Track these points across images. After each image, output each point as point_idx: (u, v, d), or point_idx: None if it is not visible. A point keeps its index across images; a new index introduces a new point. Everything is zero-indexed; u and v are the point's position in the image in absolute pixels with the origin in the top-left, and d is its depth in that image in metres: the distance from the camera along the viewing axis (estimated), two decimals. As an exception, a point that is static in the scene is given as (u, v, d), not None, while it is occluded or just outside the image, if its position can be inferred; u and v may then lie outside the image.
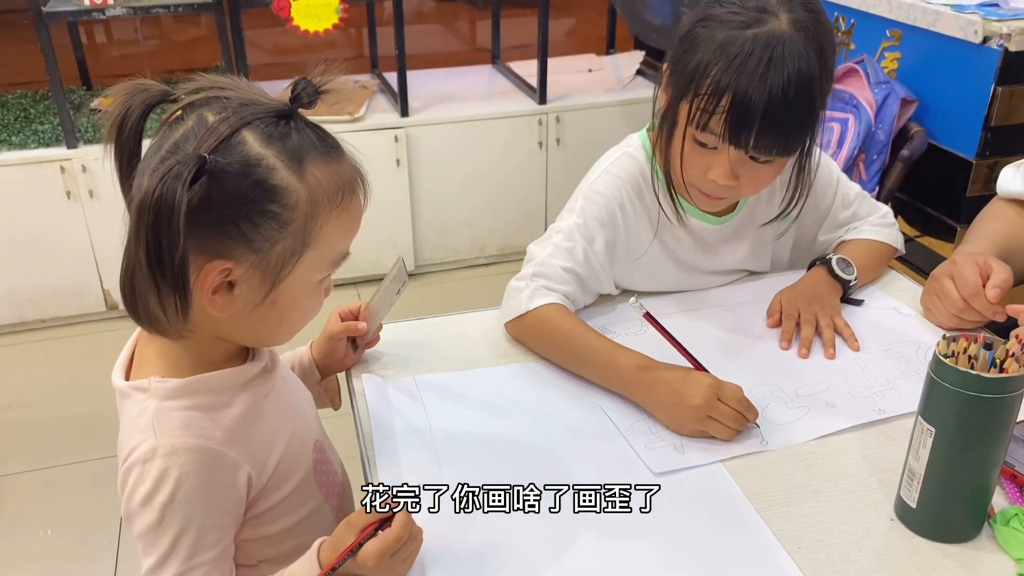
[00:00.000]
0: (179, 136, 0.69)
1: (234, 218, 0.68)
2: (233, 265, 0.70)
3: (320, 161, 0.72)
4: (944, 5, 1.79)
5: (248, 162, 0.68)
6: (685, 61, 1.01)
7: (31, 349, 2.47)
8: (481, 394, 1.00)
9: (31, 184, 2.36)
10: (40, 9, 2.20)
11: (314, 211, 0.71)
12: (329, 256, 0.75)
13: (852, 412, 0.96)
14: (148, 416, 0.73)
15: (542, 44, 2.68)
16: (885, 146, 1.83)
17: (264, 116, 0.69)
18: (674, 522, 0.82)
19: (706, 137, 1.01)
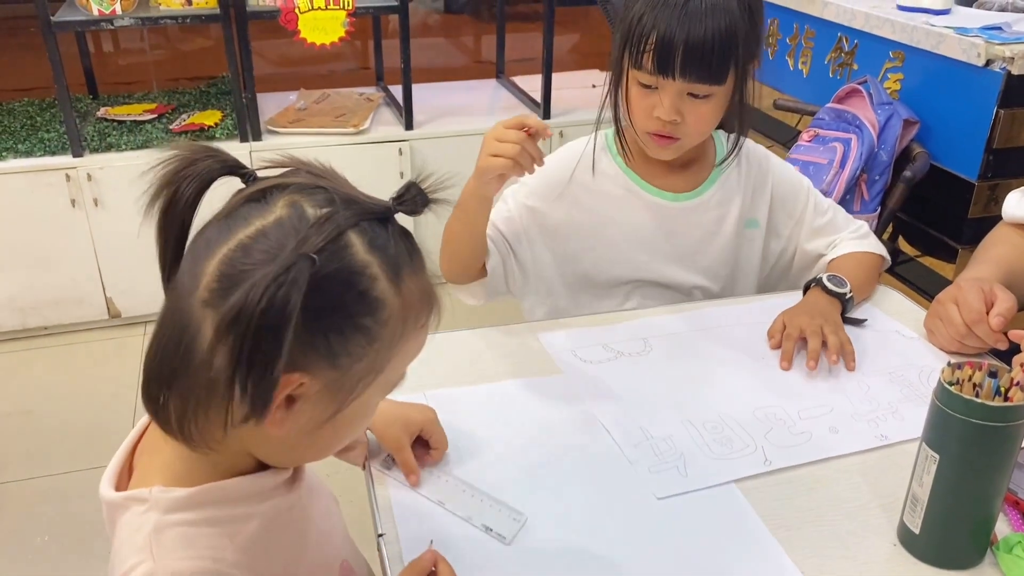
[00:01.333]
0: (269, 223, 0.59)
1: (325, 329, 0.59)
2: (309, 379, 0.60)
3: (412, 273, 0.63)
4: (947, 28, 1.80)
5: (353, 269, 0.59)
6: (623, 17, 1.15)
7: (33, 356, 2.48)
8: (490, 409, 1.01)
9: (36, 192, 2.37)
10: (49, 18, 2.21)
11: (402, 329, 0.63)
12: (394, 379, 0.67)
13: (854, 437, 0.97)
14: (145, 533, 0.62)
15: (547, 60, 2.69)
16: (887, 166, 1.84)
17: (368, 217, 0.61)
18: (683, 539, 0.82)
19: (643, 76, 1.12)
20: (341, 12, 2.38)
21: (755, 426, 0.99)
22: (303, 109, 2.75)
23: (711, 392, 1.05)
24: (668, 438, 0.96)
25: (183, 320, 0.59)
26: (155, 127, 2.56)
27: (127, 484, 0.68)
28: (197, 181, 0.61)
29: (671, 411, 1.01)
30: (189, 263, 0.61)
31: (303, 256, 0.56)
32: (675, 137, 1.17)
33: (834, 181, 1.84)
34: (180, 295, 0.60)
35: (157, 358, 0.62)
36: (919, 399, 1.04)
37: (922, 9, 1.92)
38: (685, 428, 0.98)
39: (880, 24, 1.94)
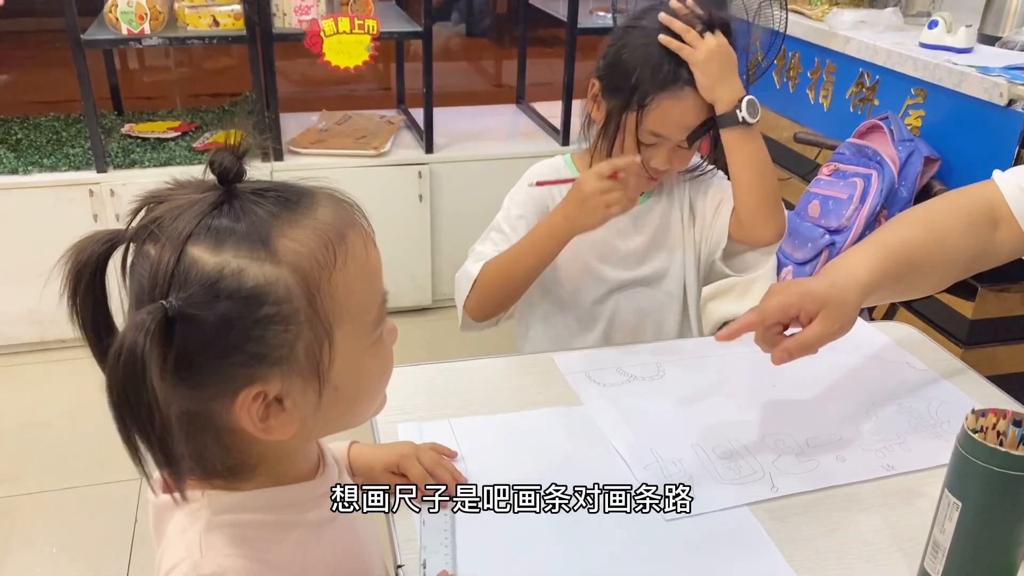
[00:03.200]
0: (137, 289, 0.59)
1: (234, 345, 0.57)
2: (263, 387, 0.59)
3: (288, 227, 0.59)
4: (970, 66, 1.81)
5: (210, 282, 0.56)
6: (618, 80, 1.21)
7: (49, 369, 2.49)
8: (514, 438, 1.01)
9: (59, 206, 2.40)
10: (79, 36, 2.25)
11: (312, 286, 0.59)
12: (364, 316, 0.64)
13: (861, 467, 0.97)
14: (196, 531, 0.62)
15: (568, 86, 2.71)
16: (908, 203, 1.84)
17: (202, 215, 0.58)
18: (700, 565, 0.82)
19: (644, 136, 1.20)
20: (366, 36, 2.41)
21: (764, 452, 0.99)
22: (325, 130, 2.77)
23: (721, 417, 1.06)
24: (678, 460, 0.97)
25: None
26: (178, 145, 2.59)
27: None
28: (89, 268, 0.60)
29: (681, 435, 1.02)
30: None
31: (154, 307, 0.54)
32: (659, 179, 1.28)
33: (854, 216, 1.84)
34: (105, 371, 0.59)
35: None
36: (927, 431, 1.05)
37: (944, 47, 1.93)
38: (695, 451, 0.99)
39: (902, 61, 1.95)
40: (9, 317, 2.47)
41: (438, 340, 2.59)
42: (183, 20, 2.41)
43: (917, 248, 1.05)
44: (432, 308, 2.82)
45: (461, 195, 2.72)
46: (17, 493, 2.01)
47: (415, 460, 0.91)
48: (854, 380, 1.15)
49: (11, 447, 2.16)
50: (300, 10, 2.42)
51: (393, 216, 2.61)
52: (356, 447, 0.93)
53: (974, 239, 1.09)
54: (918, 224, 1.09)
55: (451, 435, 1.00)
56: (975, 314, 1.85)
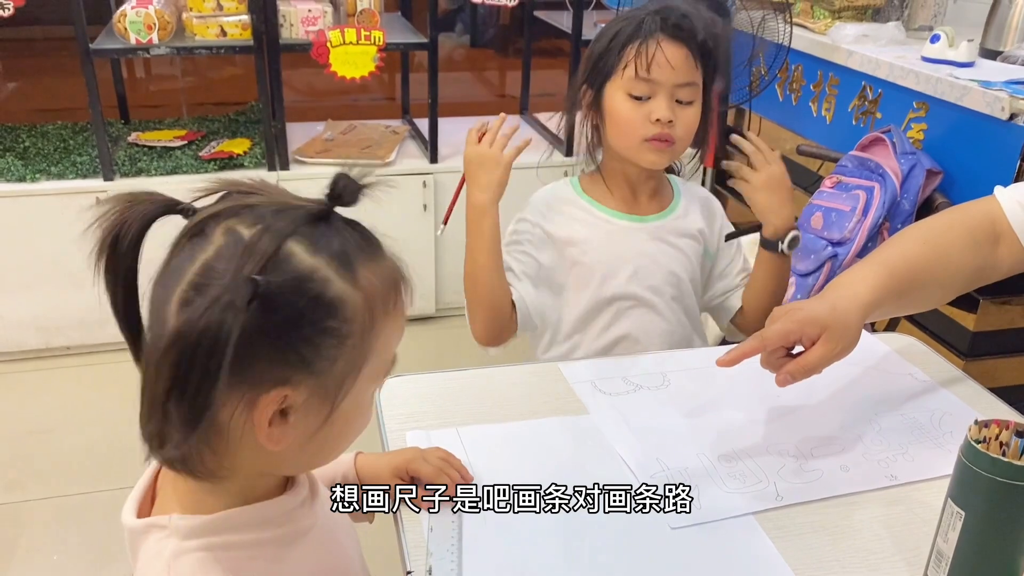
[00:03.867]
0: (210, 256, 0.59)
1: (291, 342, 0.60)
2: (291, 392, 0.61)
3: (368, 261, 0.63)
4: (971, 81, 1.82)
5: (301, 278, 0.59)
6: (595, 59, 1.29)
7: (54, 375, 2.50)
8: (521, 447, 1.02)
9: (66, 214, 2.41)
10: (88, 46, 2.27)
11: (371, 319, 0.63)
12: (384, 365, 0.67)
13: (864, 477, 0.99)
14: (164, 559, 0.63)
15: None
16: (910, 215, 1.85)
17: (303, 220, 0.61)
18: (705, 572, 0.83)
19: (636, 85, 1.25)
20: (372, 48, 2.43)
21: (768, 462, 1.01)
22: (330, 140, 2.79)
23: (726, 427, 1.07)
24: (683, 470, 0.98)
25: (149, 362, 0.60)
26: (184, 153, 2.61)
27: (150, 510, 0.70)
28: (137, 223, 0.62)
29: (686, 444, 1.03)
30: (153, 312, 0.62)
31: (244, 279, 0.56)
32: (672, 140, 1.28)
33: (856, 228, 1.85)
34: (152, 342, 0.61)
35: (145, 401, 0.62)
36: (930, 441, 1.06)
37: (946, 61, 1.95)
38: (700, 461, 1.00)
39: (904, 75, 1.97)
40: (15, 324, 2.48)
41: (442, 349, 2.60)
42: (191, 30, 2.43)
43: (919, 264, 1.07)
44: (436, 317, 2.83)
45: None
46: (23, 499, 2.02)
47: (423, 461, 0.92)
48: (857, 390, 1.16)
49: (16, 453, 2.17)
50: (307, 21, 2.45)
51: (397, 225, 2.60)
52: (362, 456, 0.94)
53: (975, 255, 1.10)
54: (920, 241, 1.10)
55: (459, 443, 1.01)
56: (977, 326, 1.86)
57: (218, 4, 2.41)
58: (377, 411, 1.07)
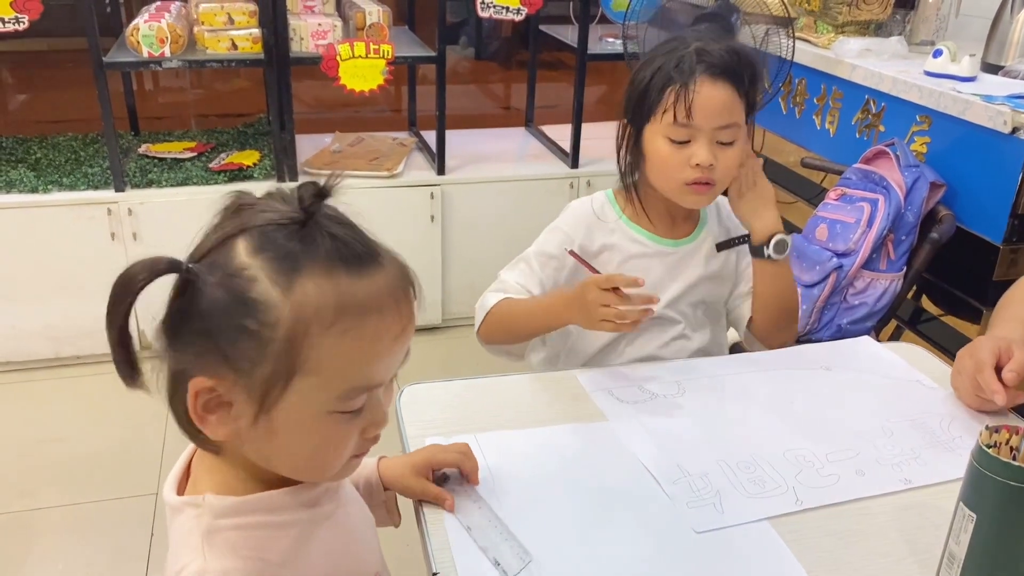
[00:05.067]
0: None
1: (210, 332, 0.63)
2: (215, 383, 0.64)
3: (322, 273, 0.63)
4: (974, 95, 1.85)
5: (228, 272, 0.62)
6: (635, 98, 1.27)
7: (65, 384, 2.52)
8: (537, 452, 1.04)
9: (78, 224, 2.44)
10: (101, 59, 2.30)
11: (299, 331, 0.62)
12: (336, 383, 0.65)
13: (880, 481, 1.01)
14: (199, 535, 0.67)
15: (577, 110, 2.76)
16: (914, 227, 1.88)
17: (273, 224, 0.63)
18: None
19: (675, 131, 1.22)
20: (381, 61, 2.46)
21: (786, 467, 1.03)
22: (338, 152, 2.82)
23: (743, 433, 1.09)
24: (704, 476, 1.01)
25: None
26: (194, 165, 2.64)
27: (186, 488, 0.74)
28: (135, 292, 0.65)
29: (706, 450, 1.06)
30: None
31: (176, 263, 0.63)
32: (712, 182, 1.26)
33: (861, 240, 1.88)
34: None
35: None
36: (940, 445, 1.08)
37: (949, 75, 1.98)
38: (720, 467, 1.02)
39: (907, 89, 2.00)
40: (26, 333, 2.51)
41: (450, 359, 2.62)
42: (202, 43, 2.46)
43: None
44: (443, 327, 2.85)
45: (472, 216, 2.76)
46: (35, 507, 2.04)
47: (443, 452, 0.96)
48: (868, 397, 1.19)
49: (28, 462, 2.19)
50: (317, 35, 2.48)
51: (405, 236, 2.65)
52: (384, 460, 0.97)
53: None
54: None
55: (478, 450, 1.03)
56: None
57: (229, 18, 2.45)
58: (397, 417, 1.09)
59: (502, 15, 2.54)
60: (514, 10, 2.53)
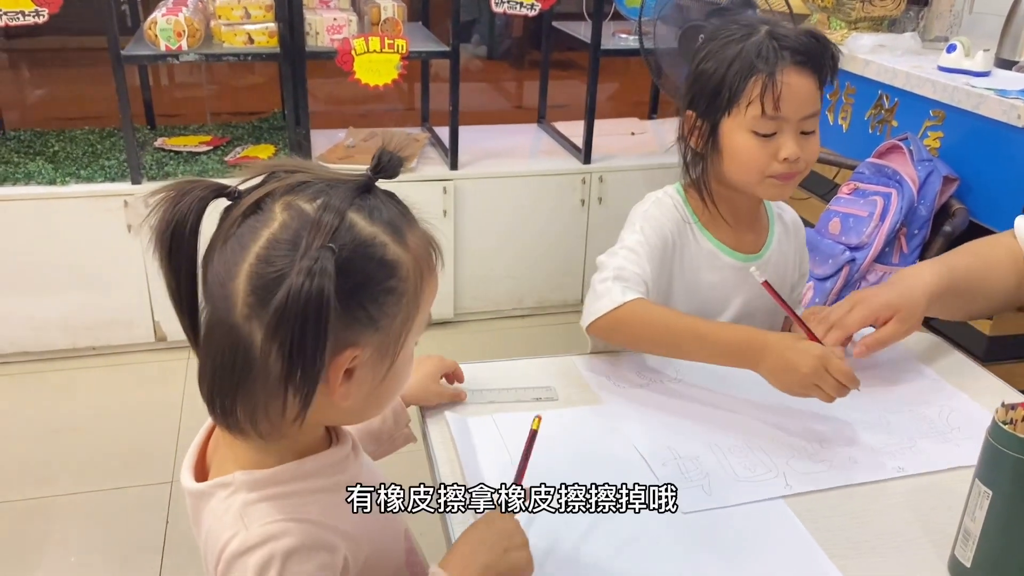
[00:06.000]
0: (275, 230, 0.64)
1: (361, 302, 0.66)
2: (360, 351, 0.67)
3: (409, 227, 0.70)
4: (988, 89, 1.86)
5: (365, 242, 0.65)
6: (709, 90, 1.18)
7: (81, 375, 2.55)
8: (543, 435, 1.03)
9: (94, 216, 2.46)
10: (119, 52, 2.32)
11: (419, 277, 0.70)
12: (425, 319, 0.74)
13: (873, 468, 1.02)
14: (235, 510, 0.69)
15: (590, 106, 2.77)
16: (927, 221, 1.89)
17: (356, 193, 0.66)
18: (737, 554, 0.87)
19: (761, 124, 1.15)
20: (395, 56, 2.48)
21: (778, 452, 1.04)
22: (352, 147, 2.84)
23: (737, 418, 1.10)
24: (695, 458, 1.02)
25: (231, 338, 0.65)
26: (210, 159, 2.66)
27: (204, 476, 0.75)
28: (193, 210, 0.65)
29: (698, 434, 1.07)
30: (215, 287, 0.66)
31: (323, 248, 0.62)
32: (797, 173, 1.20)
33: (874, 233, 1.89)
34: (219, 318, 0.66)
35: (215, 377, 0.68)
36: (937, 435, 1.09)
37: (963, 70, 1.99)
38: (711, 450, 1.04)
39: (921, 84, 2.01)
40: (43, 324, 2.53)
41: (461, 353, 2.61)
42: (219, 37, 2.48)
43: (973, 270, 1.21)
44: (454, 322, 2.86)
45: (485, 210, 2.77)
46: (52, 494, 2.06)
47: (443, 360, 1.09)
48: (867, 385, 1.18)
49: (45, 450, 2.21)
50: (332, 29, 2.50)
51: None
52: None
53: (1015, 273, 1.23)
54: (972, 253, 1.26)
55: (495, 429, 1.05)
56: (993, 331, 1.89)
57: (246, 12, 2.47)
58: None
59: (516, 10, 2.55)
60: (528, 5, 2.54)
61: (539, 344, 2.84)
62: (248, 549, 0.66)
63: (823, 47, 1.17)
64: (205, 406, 0.71)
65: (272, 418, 0.68)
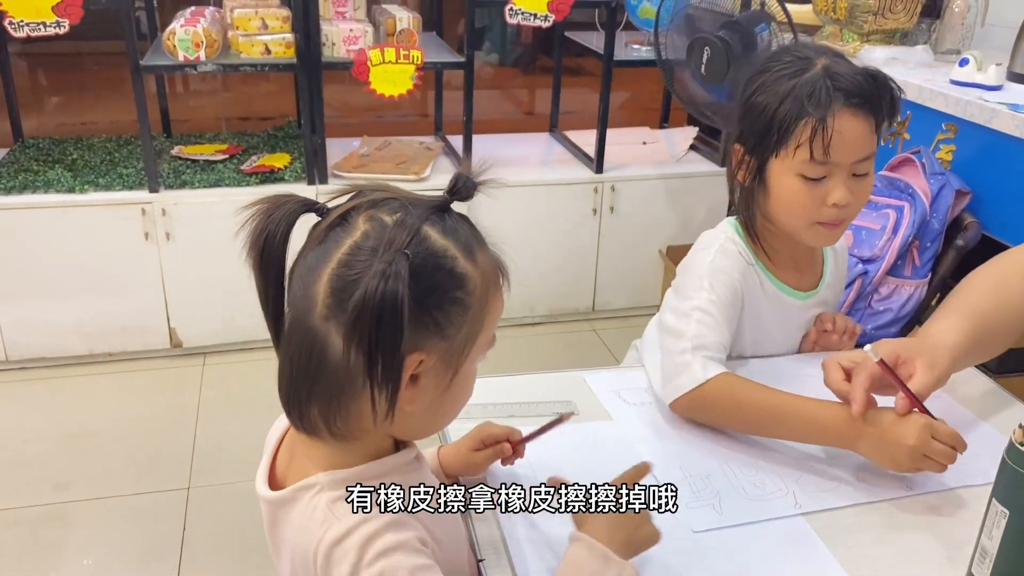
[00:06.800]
0: (358, 238, 0.70)
1: (430, 308, 0.70)
2: (426, 356, 0.71)
3: (480, 248, 0.75)
4: (1000, 104, 1.87)
5: (437, 253, 0.70)
6: (758, 127, 1.14)
7: (97, 380, 2.57)
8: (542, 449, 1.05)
9: (113, 224, 2.49)
10: (138, 62, 2.35)
11: (485, 294, 0.75)
12: (489, 338, 0.78)
13: (881, 486, 1.02)
14: (323, 507, 0.73)
15: (602, 115, 2.79)
16: (939, 234, 1.90)
17: (432, 210, 0.72)
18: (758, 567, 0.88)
19: (810, 168, 1.11)
20: (410, 66, 2.50)
21: (787, 471, 1.05)
22: (366, 155, 2.86)
23: (746, 437, 1.11)
24: (705, 477, 1.03)
25: (309, 339, 0.70)
26: (227, 167, 2.68)
27: (276, 485, 0.79)
28: (284, 222, 0.71)
29: (708, 452, 1.08)
30: (298, 291, 0.71)
31: (398, 252, 0.67)
32: (845, 220, 1.16)
33: (886, 246, 1.90)
34: (299, 320, 0.71)
35: (292, 378, 0.73)
36: None
37: (975, 84, 2.00)
38: (721, 469, 1.05)
39: (933, 97, 2.02)
40: (61, 330, 2.56)
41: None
42: (236, 48, 2.51)
43: (991, 313, 1.12)
44: (466, 329, 2.88)
45: (498, 219, 2.77)
46: (69, 500, 2.08)
47: (492, 425, 1.02)
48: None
49: (63, 456, 2.24)
50: (348, 40, 2.52)
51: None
52: (443, 448, 1.03)
53: None
54: (990, 290, 1.15)
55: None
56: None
57: (263, 23, 2.49)
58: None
59: (530, 21, 2.57)
60: (542, 16, 2.56)
61: (550, 352, 2.86)
62: (346, 534, 0.70)
63: (880, 88, 1.11)
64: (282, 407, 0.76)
65: (348, 419, 0.73)
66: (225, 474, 2.14)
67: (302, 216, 0.72)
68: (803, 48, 1.17)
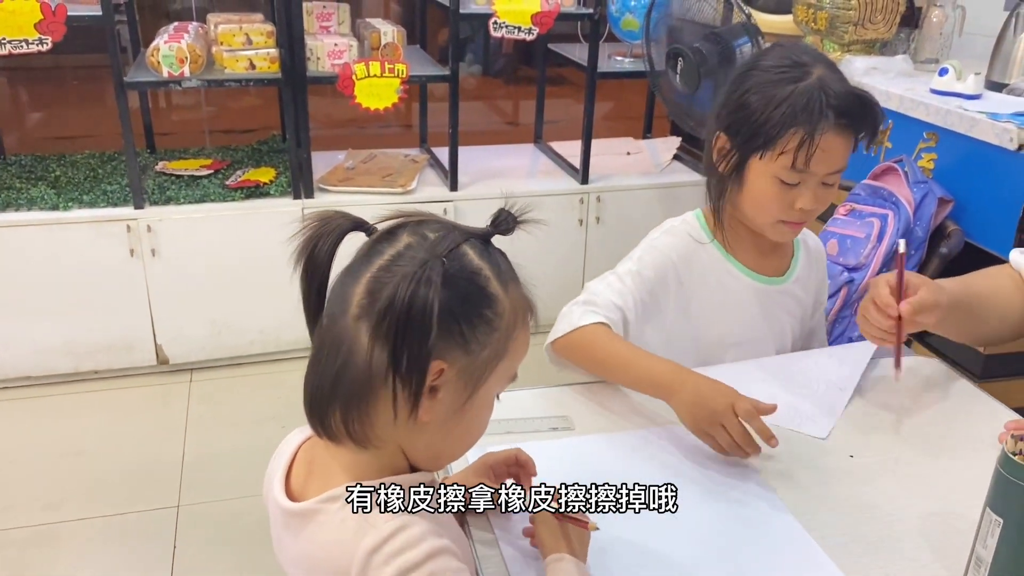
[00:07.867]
0: (400, 248, 0.73)
1: (458, 319, 0.72)
2: (447, 366, 0.73)
3: (513, 280, 0.78)
4: (980, 113, 1.90)
5: (472, 269, 0.74)
6: (748, 126, 1.18)
7: (84, 399, 2.55)
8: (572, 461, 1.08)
9: (98, 241, 2.48)
10: (122, 79, 2.34)
11: (513, 322, 0.77)
12: (511, 369, 0.79)
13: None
14: (355, 518, 0.73)
15: (587, 127, 2.81)
16: (923, 242, 1.92)
17: (470, 236, 0.75)
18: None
19: (786, 174, 1.17)
20: (395, 80, 2.51)
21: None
22: (351, 169, 2.86)
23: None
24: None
25: (338, 339, 0.73)
26: (211, 182, 2.67)
27: (292, 493, 0.81)
28: (331, 237, 0.75)
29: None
30: (337, 293, 0.75)
31: (434, 257, 0.70)
32: (806, 220, 1.24)
33: (871, 255, 1.92)
34: (332, 320, 0.74)
35: (318, 379, 0.75)
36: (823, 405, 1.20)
37: (955, 93, 2.03)
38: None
39: (914, 106, 2.05)
40: (46, 348, 2.54)
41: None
42: (220, 63, 2.51)
43: (984, 292, 1.25)
44: (454, 341, 2.88)
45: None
46: (58, 520, 2.06)
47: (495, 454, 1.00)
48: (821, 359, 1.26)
49: (50, 475, 2.22)
50: (333, 54, 2.52)
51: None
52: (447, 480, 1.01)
53: (1021, 301, 1.28)
54: (982, 275, 1.30)
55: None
56: (988, 349, 1.93)
57: (247, 38, 2.49)
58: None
59: (514, 34, 2.59)
60: (526, 30, 2.58)
61: (538, 362, 2.85)
62: (385, 539, 0.71)
63: (867, 110, 1.17)
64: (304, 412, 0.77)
65: (366, 423, 0.74)
66: (215, 491, 2.13)
67: (350, 234, 0.75)
68: (798, 51, 1.21)
